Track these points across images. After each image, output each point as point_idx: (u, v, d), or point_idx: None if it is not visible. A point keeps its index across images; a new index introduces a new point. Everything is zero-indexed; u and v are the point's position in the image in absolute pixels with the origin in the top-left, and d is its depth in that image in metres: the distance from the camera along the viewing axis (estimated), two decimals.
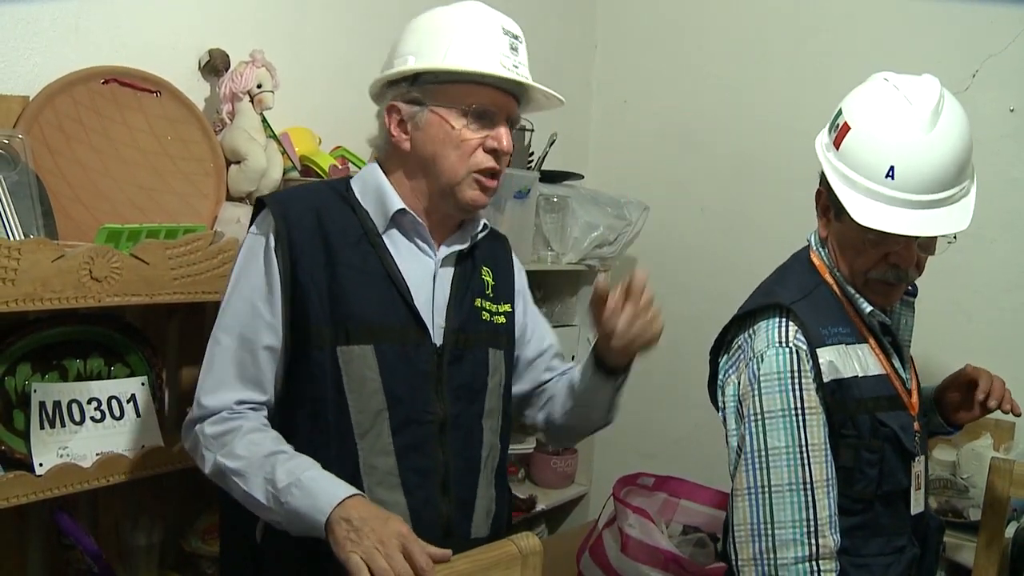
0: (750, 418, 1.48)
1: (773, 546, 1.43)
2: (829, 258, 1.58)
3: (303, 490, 1.21)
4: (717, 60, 2.83)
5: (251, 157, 1.85)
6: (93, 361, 1.67)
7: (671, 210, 2.91)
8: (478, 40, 1.38)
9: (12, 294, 1.40)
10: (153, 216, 1.75)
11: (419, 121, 1.39)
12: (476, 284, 1.49)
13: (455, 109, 1.37)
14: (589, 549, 2.38)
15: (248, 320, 1.35)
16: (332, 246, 1.36)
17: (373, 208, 1.42)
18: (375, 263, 1.38)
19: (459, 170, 1.38)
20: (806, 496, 1.43)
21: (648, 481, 2.48)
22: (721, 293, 1.96)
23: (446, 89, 1.37)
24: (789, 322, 1.49)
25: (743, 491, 1.48)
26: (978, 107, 2.26)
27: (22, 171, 1.53)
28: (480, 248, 1.52)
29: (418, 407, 1.38)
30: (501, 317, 1.52)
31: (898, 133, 1.43)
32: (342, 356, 1.34)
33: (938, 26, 2.38)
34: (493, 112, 1.39)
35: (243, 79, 1.87)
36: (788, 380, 1.45)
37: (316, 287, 1.34)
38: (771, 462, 1.45)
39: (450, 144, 1.38)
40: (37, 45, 1.69)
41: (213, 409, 1.34)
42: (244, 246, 1.41)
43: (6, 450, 1.54)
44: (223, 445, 1.31)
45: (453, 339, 1.42)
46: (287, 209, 1.38)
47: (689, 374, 2.81)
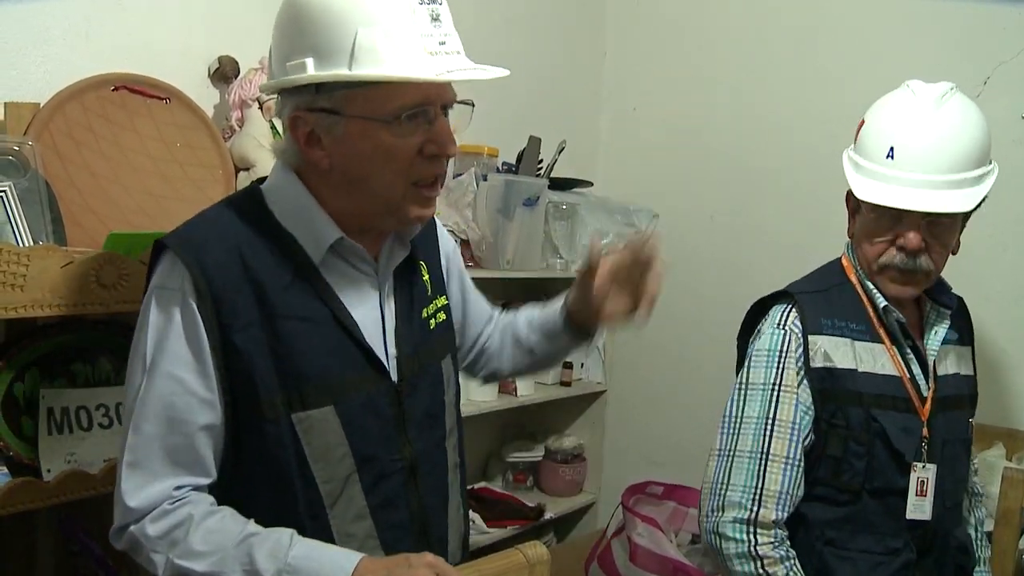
0: (736, 387, 1.62)
1: (722, 504, 1.54)
2: (854, 257, 1.65)
3: (299, 574, 1.05)
4: (726, 68, 2.83)
5: (260, 164, 1.85)
6: (101, 367, 1.67)
7: (681, 217, 2.90)
8: (392, 25, 1.08)
9: (21, 300, 1.40)
10: (162, 223, 1.74)
11: (336, 134, 1.12)
12: (418, 293, 1.31)
13: (380, 119, 1.11)
14: (598, 558, 2.37)
15: (176, 399, 1.12)
16: (265, 294, 1.13)
17: (302, 234, 1.18)
18: (318, 307, 1.17)
19: (397, 187, 1.15)
20: (760, 465, 1.53)
21: (657, 490, 2.47)
22: (731, 300, 1.95)
23: (365, 93, 1.10)
24: (791, 308, 1.61)
25: (715, 452, 1.60)
26: (989, 113, 2.23)
27: (32, 178, 1.54)
28: (415, 244, 1.31)
29: (387, 457, 1.22)
30: (442, 313, 1.35)
31: (899, 117, 1.55)
32: (299, 424, 1.15)
33: (949, 32, 2.37)
34: (428, 109, 1.13)
35: (252, 86, 1.88)
36: (775, 357, 1.57)
37: (257, 350, 1.12)
38: (741, 429, 1.57)
39: (380, 158, 1.13)
40: (49, 53, 1.70)
41: (145, 509, 1.12)
42: (151, 307, 1.15)
43: (14, 456, 1.53)
44: (173, 544, 1.10)
45: (408, 366, 1.25)
46: (201, 256, 1.12)
47: (699, 381, 2.82)
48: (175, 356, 1.12)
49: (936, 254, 1.56)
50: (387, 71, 1.08)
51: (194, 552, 1.09)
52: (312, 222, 1.19)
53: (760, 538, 1.51)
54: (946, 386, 1.63)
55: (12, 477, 1.50)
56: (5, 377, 1.55)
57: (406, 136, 1.13)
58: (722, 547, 1.53)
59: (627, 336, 3.01)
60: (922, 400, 1.58)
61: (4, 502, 1.44)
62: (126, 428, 1.14)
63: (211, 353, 1.12)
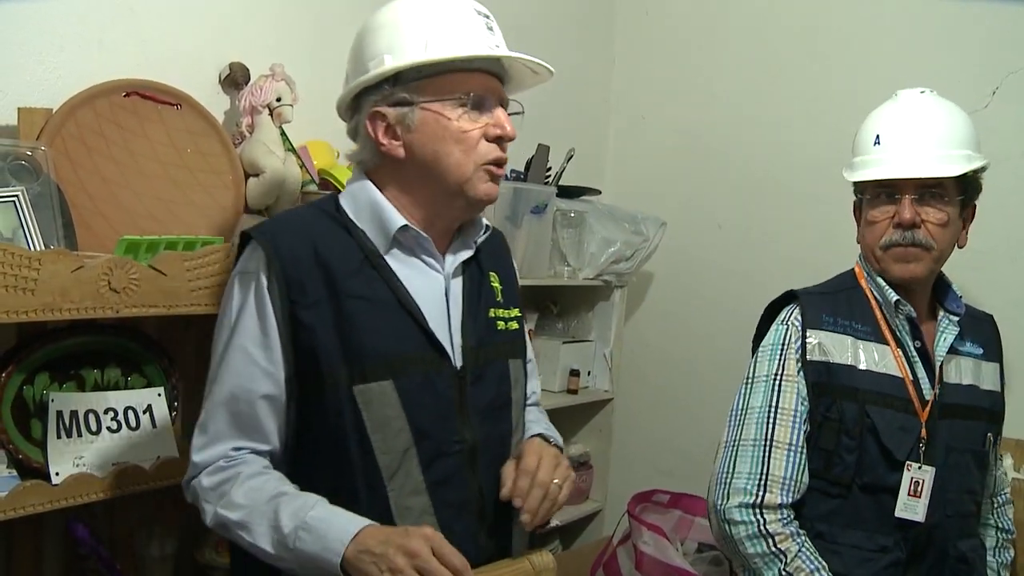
0: (743, 381, 1.68)
1: (727, 492, 1.59)
2: (865, 263, 1.70)
3: (311, 532, 1.15)
4: (734, 76, 2.83)
5: (270, 170, 1.86)
6: (110, 371, 1.68)
7: (688, 226, 2.90)
8: (455, 25, 1.28)
9: (32, 304, 1.41)
10: (172, 228, 1.76)
11: (411, 122, 1.27)
12: (487, 293, 1.41)
13: (449, 101, 1.27)
14: (603, 566, 2.37)
15: (242, 369, 1.26)
16: (334, 277, 1.26)
17: (371, 228, 1.31)
18: (382, 290, 1.28)
19: (466, 165, 1.28)
20: (764, 452, 1.59)
21: (663, 498, 2.47)
22: (738, 309, 1.96)
23: (434, 82, 1.27)
24: (795, 306, 1.68)
25: (722, 444, 1.66)
26: (998, 123, 2.25)
27: (44, 182, 1.55)
28: (483, 252, 1.42)
29: (446, 438, 1.29)
30: (514, 323, 1.44)
31: (883, 111, 1.68)
32: (360, 396, 1.24)
33: (958, 43, 2.37)
34: (487, 98, 1.29)
35: (263, 93, 1.89)
36: (777, 350, 1.65)
37: (322, 326, 1.24)
38: (746, 420, 1.64)
39: (451, 140, 1.27)
40: (62, 59, 1.71)
41: (206, 464, 1.27)
42: (233, 287, 1.30)
43: (23, 459, 1.55)
44: (221, 496, 1.24)
45: (473, 357, 1.34)
46: (277, 242, 1.27)
47: (706, 390, 2.81)
48: (246, 331, 1.26)
49: (934, 231, 1.60)
50: (457, 51, 1.25)
51: (233, 504, 1.22)
52: (380, 216, 1.31)
53: (768, 517, 1.56)
54: (955, 394, 1.64)
55: (21, 480, 1.50)
56: (15, 380, 1.56)
57: (471, 120, 1.28)
58: (732, 532, 1.57)
59: (634, 344, 3.01)
60: (923, 403, 1.60)
61: (13, 504, 1.45)
62: (206, 393, 1.31)
63: (277, 329, 1.25)
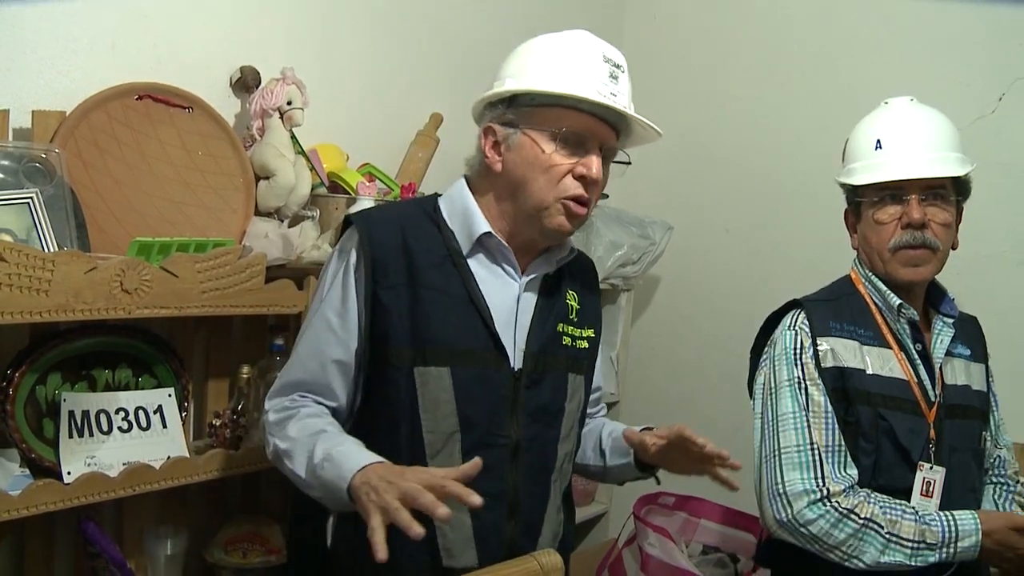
0: (767, 393, 1.66)
1: (788, 501, 1.56)
2: (862, 268, 1.72)
3: (332, 463, 1.24)
4: (741, 81, 2.84)
5: (280, 173, 1.87)
6: (121, 372, 1.70)
7: (695, 230, 2.91)
8: (576, 65, 1.36)
9: (45, 305, 1.43)
10: (183, 230, 1.78)
11: (511, 143, 1.38)
12: (560, 308, 1.49)
13: (546, 132, 1.36)
14: (609, 567, 2.38)
15: (321, 334, 1.40)
16: (415, 266, 1.37)
17: (459, 229, 1.42)
18: (458, 285, 1.39)
19: (546, 195, 1.37)
20: (810, 456, 1.57)
21: (669, 500, 2.47)
22: (745, 313, 1.96)
23: (540, 112, 1.37)
24: (800, 313, 1.69)
25: (761, 459, 1.64)
26: (1005, 129, 2.26)
27: (58, 184, 1.56)
28: (567, 272, 1.51)
29: (492, 430, 1.38)
30: (584, 342, 1.52)
31: (880, 117, 1.70)
32: (419, 377, 1.35)
33: (964, 49, 2.37)
34: (585, 138, 1.37)
35: (273, 96, 1.90)
36: (792, 355, 1.64)
37: (398, 308, 1.36)
38: (780, 427, 1.62)
39: (539, 168, 1.36)
40: (75, 63, 1.73)
41: (276, 402, 1.41)
42: (331, 262, 1.44)
43: (36, 458, 1.56)
44: (281, 428, 1.36)
45: (532, 362, 1.42)
46: (372, 228, 1.39)
47: (712, 393, 2.82)
48: (331, 301, 1.41)
49: (939, 232, 1.63)
50: (563, 88, 1.34)
51: (286, 436, 1.34)
52: (469, 219, 1.42)
53: (838, 500, 1.54)
54: (955, 395, 1.68)
55: (33, 479, 1.52)
56: (28, 380, 1.58)
57: (562, 154, 1.36)
58: (812, 533, 1.54)
59: (640, 348, 3.02)
60: (929, 404, 1.63)
61: (25, 503, 1.47)
62: (298, 339, 1.45)
63: (358, 304, 1.38)
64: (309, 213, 1.92)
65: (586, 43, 1.40)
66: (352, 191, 2.01)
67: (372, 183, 2.04)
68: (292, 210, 1.91)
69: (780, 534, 1.60)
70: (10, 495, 1.45)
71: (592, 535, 3.03)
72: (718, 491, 2.44)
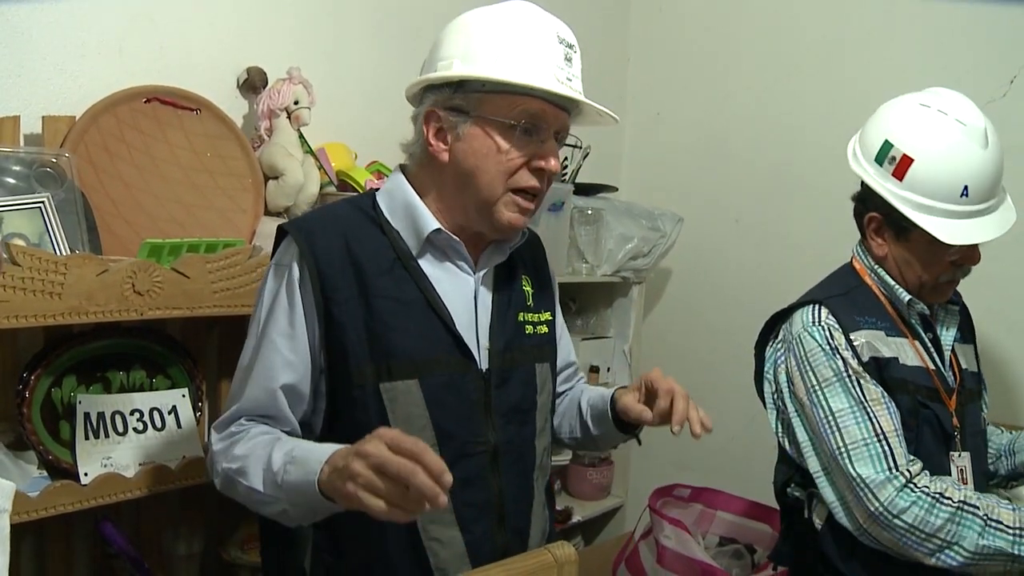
0: (810, 393, 1.58)
1: (873, 494, 1.48)
2: (868, 260, 1.68)
3: (296, 464, 1.14)
4: (749, 72, 2.82)
5: (288, 173, 1.88)
6: (136, 373, 1.71)
7: (705, 222, 2.90)
8: (532, 48, 1.26)
9: (59, 308, 1.44)
10: (193, 231, 1.79)
11: (461, 132, 1.28)
12: (517, 297, 1.42)
13: (501, 123, 1.27)
14: (625, 560, 2.37)
15: (267, 357, 1.28)
16: (365, 276, 1.28)
17: (404, 228, 1.33)
18: (412, 291, 1.30)
19: (497, 188, 1.28)
20: (881, 446, 1.50)
21: (684, 492, 2.47)
22: (755, 304, 1.95)
23: (492, 99, 1.26)
24: (821, 307, 1.62)
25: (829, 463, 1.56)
26: (1016, 114, 2.23)
27: (68, 188, 1.58)
28: (518, 256, 1.44)
29: (469, 439, 1.31)
30: (543, 327, 1.45)
31: (965, 156, 1.54)
32: (386, 393, 1.26)
33: (974, 34, 2.35)
34: (542, 126, 1.29)
35: (280, 96, 1.91)
36: (829, 349, 1.57)
37: (352, 323, 1.26)
38: (840, 423, 1.53)
39: (492, 158, 1.27)
40: (83, 67, 1.74)
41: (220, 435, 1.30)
42: (268, 279, 1.33)
43: (53, 460, 1.58)
44: (227, 453, 1.26)
45: (499, 360, 1.35)
46: (313, 239, 1.28)
47: (725, 385, 2.81)
48: (275, 321, 1.29)
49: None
50: (521, 78, 1.24)
51: (234, 456, 1.24)
52: (414, 217, 1.33)
53: (925, 483, 1.47)
54: (967, 380, 1.68)
55: (51, 480, 1.53)
56: (44, 383, 1.59)
57: (518, 145, 1.28)
58: (909, 523, 1.46)
59: (653, 340, 3.01)
60: (949, 391, 1.62)
61: (43, 504, 1.48)
62: (236, 371, 1.33)
63: (305, 322, 1.27)
64: None
65: (538, 22, 1.29)
66: (361, 189, 2.01)
67: (381, 181, 2.05)
68: (301, 209, 1.92)
69: (872, 531, 1.50)
70: (29, 496, 1.47)
71: (608, 529, 3.03)
72: (734, 482, 2.45)
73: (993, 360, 2.28)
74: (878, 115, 1.66)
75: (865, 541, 1.53)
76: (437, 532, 1.29)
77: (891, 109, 1.64)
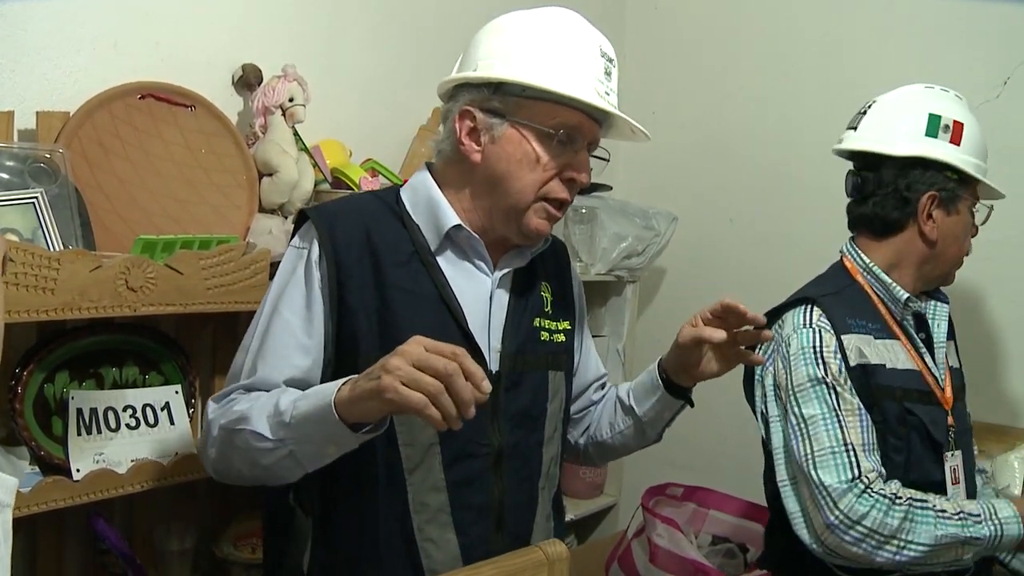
0: (788, 396, 1.56)
1: (832, 501, 1.47)
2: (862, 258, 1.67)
3: (307, 397, 1.13)
4: (745, 71, 2.83)
5: (283, 169, 1.88)
6: (128, 369, 1.71)
7: (700, 221, 2.90)
8: (575, 58, 1.26)
9: (52, 303, 1.43)
10: (187, 227, 1.78)
11: (496, 134, 1.27)
12: (534, 302, 1.41)
13: (539, 129, 1.26)
14: (618, 559, 2.38)
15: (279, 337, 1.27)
16: (381, 265, 1.27)
17: (425, 223, 1.32)
18: (427, 284, 1.29)
19: (528, 195, 1.28)
20: (848, 457, 1.48)
21: (677, 491, 2.47)
22: (750, 303, 1.94)
23: (533, 105, 1.25)
24: (813, 308, 1.60)
25: (794, 471, 1.54)
26: (1010, 113, 2.24)
27: (62, 184, 1.57)
28: (540, 262, 1.42)
29: (472, 439, 1.28)
30: (560, 335, 1.43)
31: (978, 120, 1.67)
32: None
33: (970, 33, 2.36)
34: (577, 137, 1.28)
35: (275, 93, 1.91)
36: (812, 354, 1.55)
37: (365, 310, 1.26)
38: (811, 431, 1.52)
39: (527, 165, 1.27)
40: (78, 63, 1.74)
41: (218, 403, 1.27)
42: (286, 261, 1.33)
43: (45, 455, 1.57)
44: (224, 413, 1.23)
45: (510, 363, 1.33)
46: (333, 225, 1.28)
47: (718, 384, 2.78)
48: (291, 302, 1.28)
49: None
50: (565, 88, 1.23)
51: (232, 411, 1.21)
52: (435, 212, 1.32)
53: (881, 489, 1.47)
54: (956, 377, 1.69)
55: (43, 476, 1.53)
56: (36, 378, 1.59)
57: (554, 154, 1.27)
58: (868, 527, 1.45)
59: (647, 339, 3.02)
60: (941, 390, 1.62)
61: (36, 500, 1.48)
62: (244, 347, 1.31)
63: (323, 305, 1.26)
64: None
65: (582, 32, 1.30)
66: (355, 187, 2.01)
67: (375, 178, 2.05)
68: (296, 206, 1.92)
69: (829, 542, 1.49)
70: (21, 492, 1.46)
71: (601, 527, 3.03)
72: (727, 482, 2.46)
73: (979, 358, 2.29)
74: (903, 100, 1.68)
75: (820, 554, 1.51)
76: (432, 532, 1.28)
77: (910, 94, 1.68)
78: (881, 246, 1.67)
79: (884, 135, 1.65)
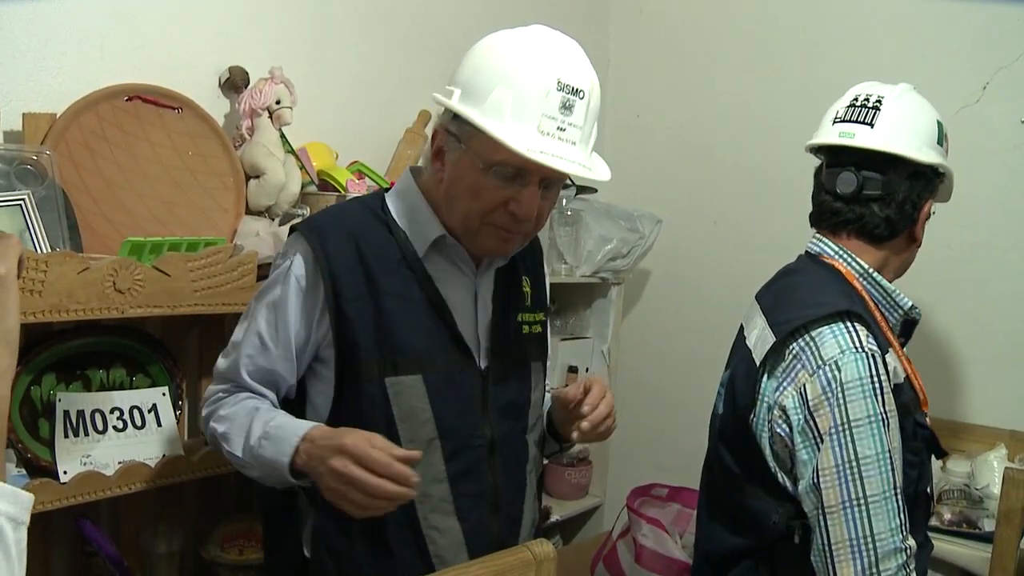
0: (835, 430, 1.38)
1: (877, 559, 1.35)
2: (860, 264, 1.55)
3: (270, 440, 1.26)
4: (729, 74, 2.85)
5: (270, 172, 1.88)
6: (116, 371, 1.71)
7: (684, 223, 2.92)
8: (525, 96, 1.22)
9: (39, 305, 1.43)
10: (174, 229, 1.78)
11: (452, 158, 1.31)
12: (516, 297, 1.47)
13: (485, 161, 1.26)
14: (603, 559, 2.39)
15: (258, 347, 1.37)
16: (373, 274, 1.32)
17: (411, 230, 1.37)
18: (416, 290, 1.35)
19: (472, 220, 1.31)
20: (897, 502, 1.37)
21: (662, 492, 2.49)
22: (734, 305, 1.98)
23: (483, 138, 1.24)
24: (858, 326, 1.42)
25: (838, 506, 1.37)
26: (989, 118, 2.28)
27: (49, 186, 1.57)
28: (519, 256, 1.47)
29: (467, 433, 1.37)
30: (538, 327, 1.50)
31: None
32: (391, 387, 1.32)
33: (950, 38, 2.39)
34: (524, 172, 1.26)
35: (262, 95, 1.91)
36: (871, 385, 1.38)
37: (362, 319, 1.31)
38: (864, 472, 1.36)
39: (469, 193, 1.29)
40: (64, 65, 1.74)
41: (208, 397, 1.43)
42: (278, 275, 1.36)
43: (32, 458, 1.57)
44: (213, 414, 1.38)
45: (498, 360, 1.41)
46: (324, 238, 1.33)
47: (702, 386, 2.82)
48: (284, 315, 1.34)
49: None
50: (493, 129, 1.22)
51: (219, 417, 1.36)
52: (421, 221, 1.37)
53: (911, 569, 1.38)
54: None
55: (30, 478, 1.53)
56: (23, 380, 1.59)
57: (493, 187, 1.28)
58: None
59: (631, 341, 3.04)
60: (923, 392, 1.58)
61: None
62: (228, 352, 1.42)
63: (318, 319, 1.34)
64: (299, 211, 1.93)
65: (543, 64, 1.24)
66: (342, 189, 2.02)
67: (362, 180, 2.06)
68: (282, 208, 1.92)
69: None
70: None
71: (587, 528, 3.04)
72: None
73: (958, 359, 2.32)
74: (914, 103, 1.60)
75: None
76: (436, 521, 1.35)
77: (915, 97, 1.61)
78: (874, 250, 1.57)
79: (906, 139, 1.54)
